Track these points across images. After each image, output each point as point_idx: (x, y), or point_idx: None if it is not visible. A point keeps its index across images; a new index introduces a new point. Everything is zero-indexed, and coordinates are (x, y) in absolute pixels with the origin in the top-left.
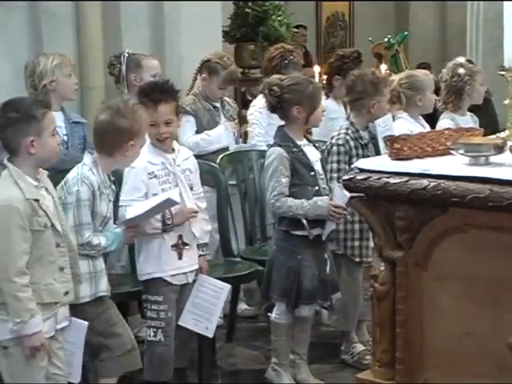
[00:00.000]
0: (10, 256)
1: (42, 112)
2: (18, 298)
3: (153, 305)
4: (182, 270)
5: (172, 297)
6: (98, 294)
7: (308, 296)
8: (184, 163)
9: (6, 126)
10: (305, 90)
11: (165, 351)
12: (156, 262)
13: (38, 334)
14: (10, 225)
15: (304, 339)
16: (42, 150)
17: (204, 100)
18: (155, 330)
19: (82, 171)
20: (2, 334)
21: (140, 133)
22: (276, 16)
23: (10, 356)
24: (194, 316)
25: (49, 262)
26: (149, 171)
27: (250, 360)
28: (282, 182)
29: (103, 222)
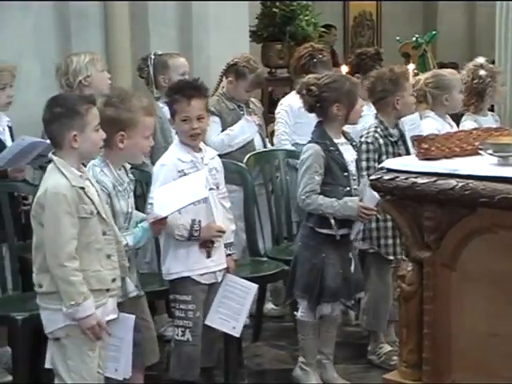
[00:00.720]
0: (59, 242)
1: (86, 107)
2: (70, 281)
3: (181, 304)
4: (210, 269)
5: (200, 296)
6: (129, 295)
7: (330, 294)
8: (211, 162)
9: (51, 120)
10: (343, 87)
11: (192, 351)
12: (184, 261)
13: (93, 315)
14: (59, 211)
15: (330, 339)
16: (85, 144)
17: (228, 100)
18: (183, 329)
19: (95, 175)
20: (54, 323)
21: (133, 123)
22: (303, 16)
23: (62, 347)
24: (221, 315)
25: (96, 249)
26: (178, 169)
27: (276, 360)
28: (315, 180)
29: (126, 218)
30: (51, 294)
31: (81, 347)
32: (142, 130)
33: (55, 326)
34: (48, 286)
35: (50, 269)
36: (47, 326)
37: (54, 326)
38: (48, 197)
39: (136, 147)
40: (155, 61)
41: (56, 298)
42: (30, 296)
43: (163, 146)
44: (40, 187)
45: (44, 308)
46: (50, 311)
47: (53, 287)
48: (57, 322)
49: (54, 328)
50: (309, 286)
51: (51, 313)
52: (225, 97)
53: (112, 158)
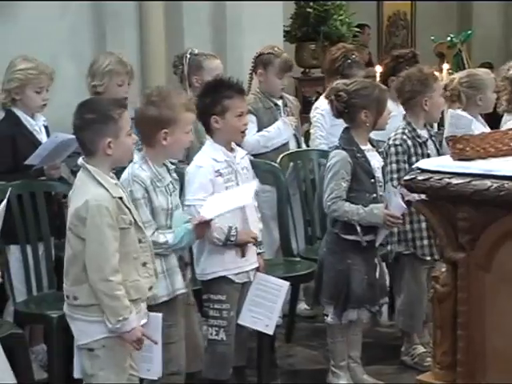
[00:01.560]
0: (104, 256)
1: (119, 112)
2: (115, 296)
3: (215, 304)
4: (244, 268)
5: (235, 296)
6: (176, 292)
7: (356, 300)
8: (242, 161)
9: (83, 127)
10: (371, 93)
11: (226, 350)
12: (220, 261)
13: (137, 327)
14: (102, 225)
15: (356, 342)
16: (119, 150)
17: (265, 98)
18: (217, 328)
19: (132, 170)
20: (89, 335)
21: (174, 120)
22: (337, 15)
23: (95, 358)
24: (253, 314)
25: (133, 258)
26: (215, 169)
27: (309, 360)
28: (342, 186)
29: (167, 215)
30: (88, 306)
31: (115, 358)
32: (183, 126)
33: (91, 338)
34: (85, 299)
35: (92, 283)
36: (81, 338)
37: (90, 338)
38: (90, 209)
39: (178, 143)
40: (190, 60)
41: (93, 311)
42: None
43: (198, 146)
44: (76, 197)
45: (78, 319)
46: (85, 323)
47: (90, 300)
48: (93, 333)
49: (89, 340)
50: (335, 292)
51: (87, 324)
52: (261, 95)
53: (152, 156)
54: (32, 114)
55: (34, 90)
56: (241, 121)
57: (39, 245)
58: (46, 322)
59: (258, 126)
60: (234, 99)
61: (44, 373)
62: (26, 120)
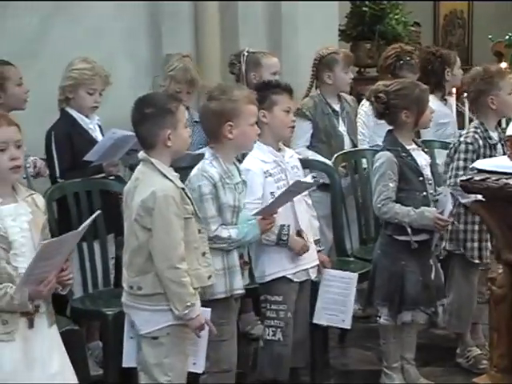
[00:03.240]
0: (171, 244)
1: (176, 105)
2: (182, 283)
3: (272, 304)
4: (303, 266)
5: (292, 296)
6: (234, 292)
7: (411, 302)
8: (291, 160)
9: (142, 121)
10: (411, 93)
11: (283, 351)
12: (278, 260)
13: (200, 315)
14: (170, 214)
15: (410, 343)
16: (177, 141)
17: (324, 103)
18: (274, 329)
19: (202, 166)
20: (153, 324)
21: (237, 112)
22: (393, 14)
23: (160, 346)
24: (327, 311)
25: (194, 248)
26: (264, 170)
27: (362, 361)
28: (390, 187)
29: (233, 212)
30: (152, 295)
31: (179, 346)
32: (247, 118)
33: (155, 326)
34: (150, 288)
35: (159, 271)
36: (144, 327)
37: (154, 327)
38: (157, 200)
39: (244, 135)
40: (248, 58)
41: (158, 300)
42: (121, 292)
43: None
44: (141, 190)
45: (142, 309)
46: (149, 312)
47: (155, 289)
48: (157, 322)
49: (154, 329)
50: (389, 294)
51: (151, 314)
52: (319, 98)
53: (222, 151)
54: (86, 114)
55: (87, 90)
56: (288, 116)
57: (95, 242)
58: (101, 319)
59: (315, 132)
60: (282, 95)
61: (99, 369)
62: (80, 119)
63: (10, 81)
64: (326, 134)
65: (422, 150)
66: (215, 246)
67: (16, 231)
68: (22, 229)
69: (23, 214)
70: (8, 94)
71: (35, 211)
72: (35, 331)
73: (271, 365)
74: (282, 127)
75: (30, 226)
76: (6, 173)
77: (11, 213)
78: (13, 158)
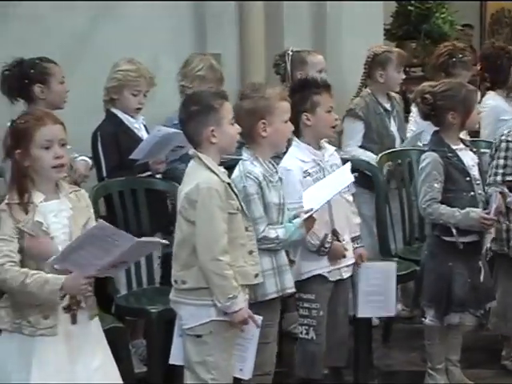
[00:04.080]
0: (214, 236)
1: (220, 102)
2: (224, 275)
3: (305, 303)
4: (337, 265)
5: (325, 295)
6: (286, 291)
7: (458, 304)
8: (331, 158)
9: (188, 119)
10: (458, 94)
11: (316, 349)
12: (314, 258)
13: (243, 308)
14: (212, 206)
15: (456, 345)
16: (223, 138)
17: (375, 103)
18: (307, 327)
19: (244, 167)
20: (197, 319)
21: (270, 109)
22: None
23: (203, 344)
24: (371, 304)
25: (240, 244)
26: (303, 170)
27: (407, 362)
28: (435, 188)
29: (279, 210)
30: (196, 289)
31: (222, 344)
32: (280, 115)
33: (198, 321)
34: (194, 282)
35: (202, 263)
36: (188, 322)
37: (197, 322)
38: (201, 192)
39: (278, 133)
40: (293, 57)
41: (201, 294)
42: (165, 290)
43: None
44: (187, 183)
45: (185, 303)
46: (193, 307)
47: (199, 283)
48: (201, 317)
49: (197, 324)
50: (436, 295)
51: (195, 308)
52: (370, 98)
53: (259, 150)
54: (131, 114)
55: (131, 92)
56: (331, 116)
57: None
58: (145, 317)
59: (367, 132)
60: (323, 95)
61: (143, 366)
62: (125, 119)
63: (54, 78)
64: (378, 134)
65: (470, 150)
66: (263, 247)
67: (57, 227)
68: (63, 225)
69: (64, 209)
70: (50, 91)
71: (77, 207)
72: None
73: (305, 363)
74: (326, 128)
75: (70, 222)
76: (49, 171)
77: (53, 209)
78: (57, 157)
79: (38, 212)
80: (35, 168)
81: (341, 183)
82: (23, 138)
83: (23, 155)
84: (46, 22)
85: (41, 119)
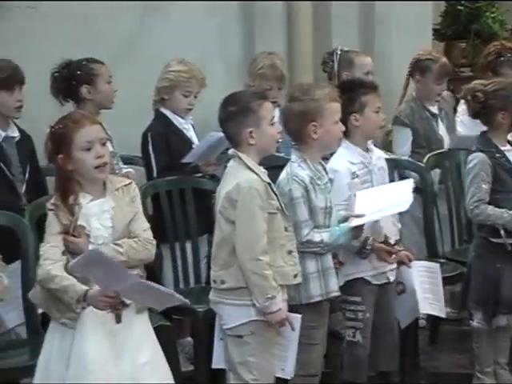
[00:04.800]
0: (254, 236)
1: (259, 103)
2: (264, 275)
3: (351, 305)
4: (382, 269)
5: (371, 298)
6: (330, 295)
7: (506, 306)
8: (378, 161)
9: (226, 119)
10: (510, 95)
11: (362, 353)
12: (356, 262)
13: (282, 309)
14: (253, 205)
15: (505, 348)
16: (262, 139)
17: (420, 107)
18: (353, 330)
19: (291, 169)
20: (236, 319)
21: (321, 111)
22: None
23: (245, 344)
24: (429, 301)
25: (279, 245)
26: (351, 171)
27: (453, 364)
28: (483, 189)
29: (325, 214)
30: (236, 289)
31: (264, 344)
32: (330, 117)
33: (238, 321)
34: (233, 282)
35: (242, 263)
36: (228, 322)
37: (237, 322)
38: (241, 191)
39: (329, 134)
40: (341, 56)
41: (240, 294)
42: None
43: None
44: (227, 182)
45: (225, 303)
46: (232, 307)
47: (238, 283)
48: (240, 317)
49: (236, 324)
50: (483, 297)
51: (234, 308)
52: (415, 103)
53: (308, 152)
54: (180, 115)
55: (182, 93)
56: (379, 116)
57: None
58: (192, 316)
59: (415, 138)
60: (371, 95)
61: (190, 365)
62: (175, 119)
63: (101, 78)
64: (426, 138)
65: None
66: (307, 251)
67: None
68: (106, 226)
69: (106, 210)
70: (98, 91)
71: (120, 206)
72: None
73: (352, 366)
74: (374, 128)
75: (114, 222)
76: (93, 171)
77: (96, 211)
78: (99, 156)
79: (82, 215)
80: (79, 171)
81: (399, 203)
82: (63, 142)
83: (65, 159)
84: (95, 22)
85: (78, 122)
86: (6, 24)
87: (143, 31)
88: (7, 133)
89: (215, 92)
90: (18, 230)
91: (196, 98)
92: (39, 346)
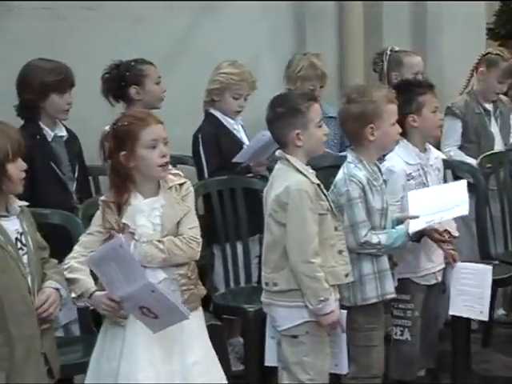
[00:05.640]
0: (305, 238)
1: (307, 105)
2: (316, 278)
3: (400, 303)
4: (431, 270)
5: (420, 296)
6: (386, 296)
7: None
8: (435, 162)
9: (274, 120)
10: None
11: (411, 351)
12: (405, 263)
13: (334, 311)
14: (303, 207)
15: None
16: (309, 141)
17: (475, 102)
18: (402, 328)
19: (348, 170)
20: (290, 320)
21: (379, 113)
22: None
23: (300, 344)
24: (464, 303)
25: (330, 245)
26: (407, 172)
27: (506, 366)
28: None
29: (382, 215)
30: (288, 291)
31: (318, 344)
32: (388, 118)
33: (292, 323)
34: (285, 284)
35: (293, 265)
36: (283, 324)
37: (291, 323)
38: (291, 194)
39: (386, 136)
40: (390, 56)
41: (292, 296)
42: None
43: None
44: (276, 185)
45: (278, 305)
46: (285, 308)
47: (289, 285)
48: (294, 319)
49: (291, 325)
50: None
51: (287, 310)
52: (473, 97)
53: (364, 153)
54: (230, 117)
55: (232, 95)
56: (437, 116)
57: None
58: (242, 315)
59: (465, 131)
60: (428, 95)
61: (240, 365)
62: (225, 120)
63: (150, 78)
64: (476, 133)
65: None
66: (364, 252)
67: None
68: (154, 224)
69: (157, 208)
70: (146, 91)
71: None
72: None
73: (399, 365)
74: (433, 128)
75: (163, 220)
76: (155, 170)
77: (145, 209)
78: (163, 155)
79: (128, 213)
80: (140, 168)
81: (455, 204)
82: (128, 139)
83: (128, 156)
84: (149, 22)
85: (144, 120)
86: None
87: (196, 31)
88: (56, 132)
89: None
90: (72, 228)
91: (246, 100)
92: (92, 343)
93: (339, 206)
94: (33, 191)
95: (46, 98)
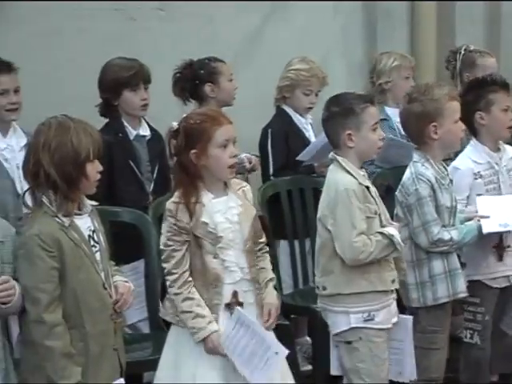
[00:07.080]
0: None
1: (363, 106)
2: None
3: (470, 306)
4: (504, 272)
5: (491, 300)
6: (458, 296)
7: None
8: (509, 163)
9: (328, 119)
10: None
11: (481, 355)
12: (475, 264)
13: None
14: (352, 206)
15: None
16: (361, 143)
17: None
18: (471, 332)
19: (416, 169)
20: (337, 325)
21: (441, 111)
22: None
23: (354, 351)
24: None
25: None
26: (474, 171)
27: None
28: None
29: (450, 213)
30: (335, 296)
31: (373, 350)
32: (451, 116)
33: (338, 328)
34: (332, 288)
35: (348, 261)
36: (333, 328)
37: (337, 329)
38: (339, 194)
39: (450, 134)
40: (464, 56)
41: (339, 300)
42: None
43: None
44: (326, 189)
45: (328, 310)
46: (333, 313)
47: (337, 289)
48: (340, 324)
49: (338, 330)
50: None
51: (335, 315)
52: None
53: (430, 152)
54: (301, 113)
55: (303, 91)
56: (507, 116)
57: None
58: (310, 315)
59: None
60: (500, 93)
61: (308, 365)
62: (296, 118)
63: (223, 76)
64: None
65: None
66: (437, 250)
67: (225, 226)
68: (232, 222)
69: (233, 207)
70: (220, 89)
71: (245, 204)
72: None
73: (468, 369)
74: (501, 128)
75: (240, 218)
76: (225, 170)
77: (221, 207)
78: (233, 156)
79: (205, 212)
80: (210, 167)
81: None
82: (201, 137)
83: (200, 155)
84: (220, 22)
85: (217, 119)
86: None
87: (267, 31)
88: (138, 131)
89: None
90: (142, 226)
91: (317, 96)
92: (161, 341)
93: (407, 206)
94: (110, 189)
95: (120, 95)
